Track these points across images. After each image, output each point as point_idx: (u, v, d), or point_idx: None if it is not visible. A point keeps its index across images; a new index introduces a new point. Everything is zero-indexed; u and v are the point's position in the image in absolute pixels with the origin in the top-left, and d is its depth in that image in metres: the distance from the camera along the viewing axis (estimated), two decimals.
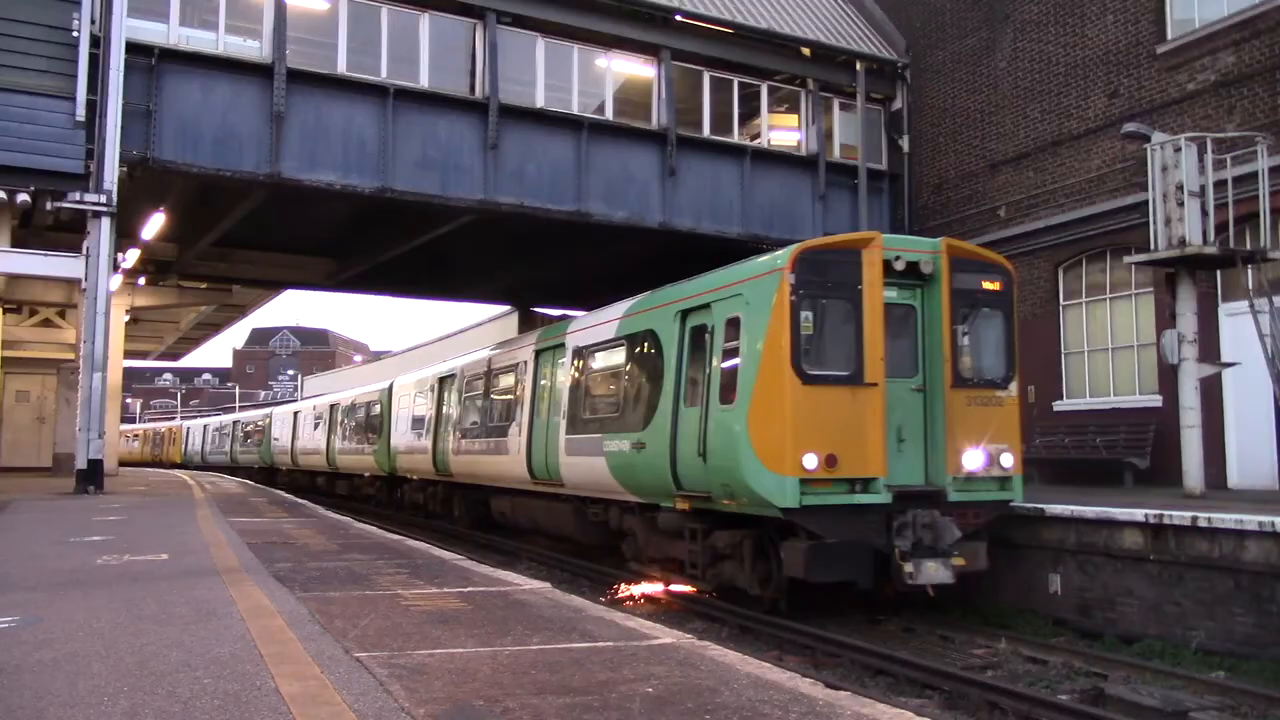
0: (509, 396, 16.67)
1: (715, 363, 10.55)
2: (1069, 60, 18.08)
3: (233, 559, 8.63)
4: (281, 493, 24.53)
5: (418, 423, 21.79)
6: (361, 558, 9.15)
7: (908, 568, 9.45)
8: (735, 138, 21.12)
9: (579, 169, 19.09)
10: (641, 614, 10.12)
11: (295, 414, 35.11)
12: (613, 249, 22.29)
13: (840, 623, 10.50)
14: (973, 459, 10.19)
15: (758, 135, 21.66)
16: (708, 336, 10.79)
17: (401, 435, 22.95)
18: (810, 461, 9.36)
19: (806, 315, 9.75)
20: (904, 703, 7.31)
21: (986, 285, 10.69)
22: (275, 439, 37.17)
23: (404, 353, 55.53)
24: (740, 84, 21.17)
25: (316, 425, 31.58)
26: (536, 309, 29.67)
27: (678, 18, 19.82)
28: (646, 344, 12.13)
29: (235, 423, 47.52)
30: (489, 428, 17.32)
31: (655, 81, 20.03)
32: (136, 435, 72.88)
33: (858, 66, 21.90)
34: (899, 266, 10.16)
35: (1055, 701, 7.53)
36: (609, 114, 19.78)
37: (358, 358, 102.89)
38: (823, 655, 9.32)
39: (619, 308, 13.38)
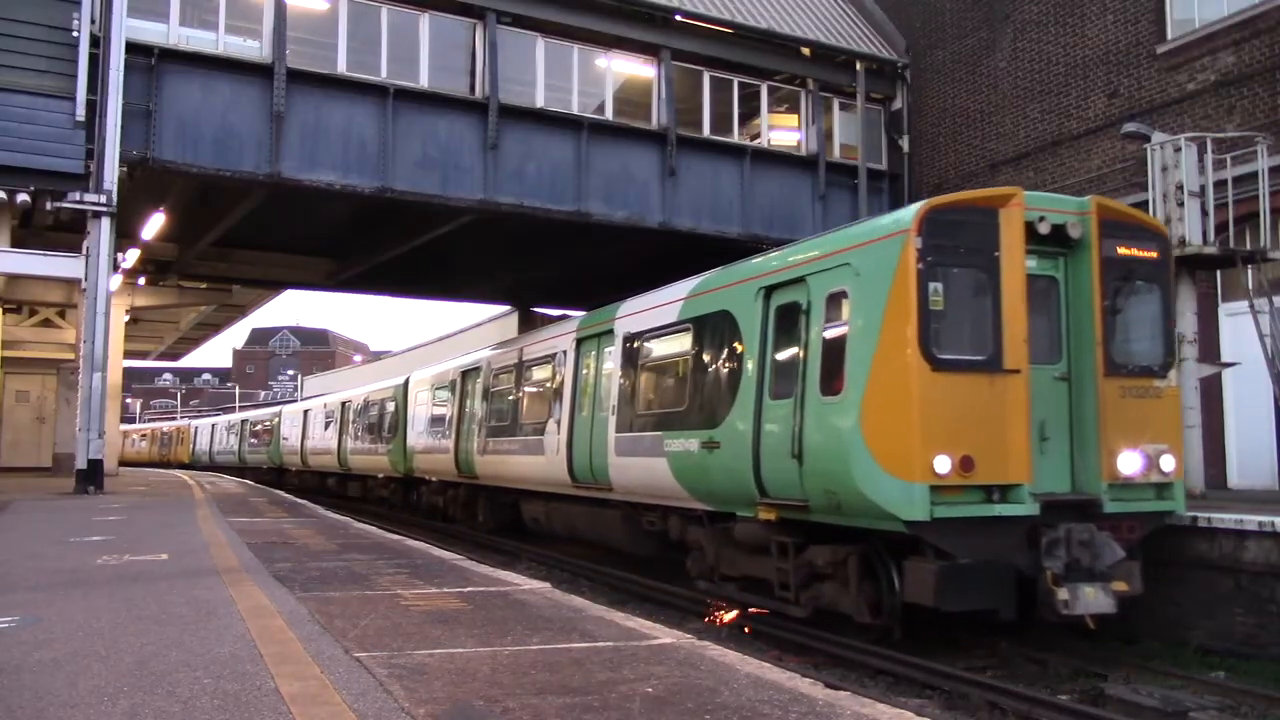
0: (545, 391, 15.21)
1: (813, 347, 9.02)
2: (1069, 60, 18.08)
3: (233, 559, 8.63)
4: (281, 493, 24.51)
5: (437, 421, 20.43)
6: (361, 558, 9.15)
7: (1062, 594, 7.91)
8: (735, 138, 21.12)
9: (579, 169, 19.09)
10: (641, 614, 10.12)
11: (305, 412, 33.93)
12: (613, 249, 22.28)
13: (840, 623, 10.48)
14: (1129, 462, 8.65)
15: (758, 135, 21.66)
16: (802, 316, 9.23)
17: (419, 434, 21.60)
18: (942, 465, 7.83)
19: (936, 287, 8.12)
20: (904, 703, 7.31)
21: (1141, 253, 9.01)
22: (284, 438, 35.89)
23: (404, 353, 55.55)
24: (740, 84, 21.17)
25: (327, 424, 30.33)
26: (536, 309, 29.67)
27: (678, 18, 19.82)
28: (719, 327, 10.58)
29: (243, 422, 45.85)
30: (521, 425, 15.77)
31: (655, 81, 20.03)
32: (144, 435, 71.49)
33: (858, 66, 21.91)
34: (1043, 230, 8.57)
35: (1055, 701, 7.53)
36: (609, 114, 19.78)
37: (358, 358, 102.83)
38: (822, 655, 9.31)
39: (681, 287, 11.73)
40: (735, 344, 10.23)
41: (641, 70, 20.20)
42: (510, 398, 16.60)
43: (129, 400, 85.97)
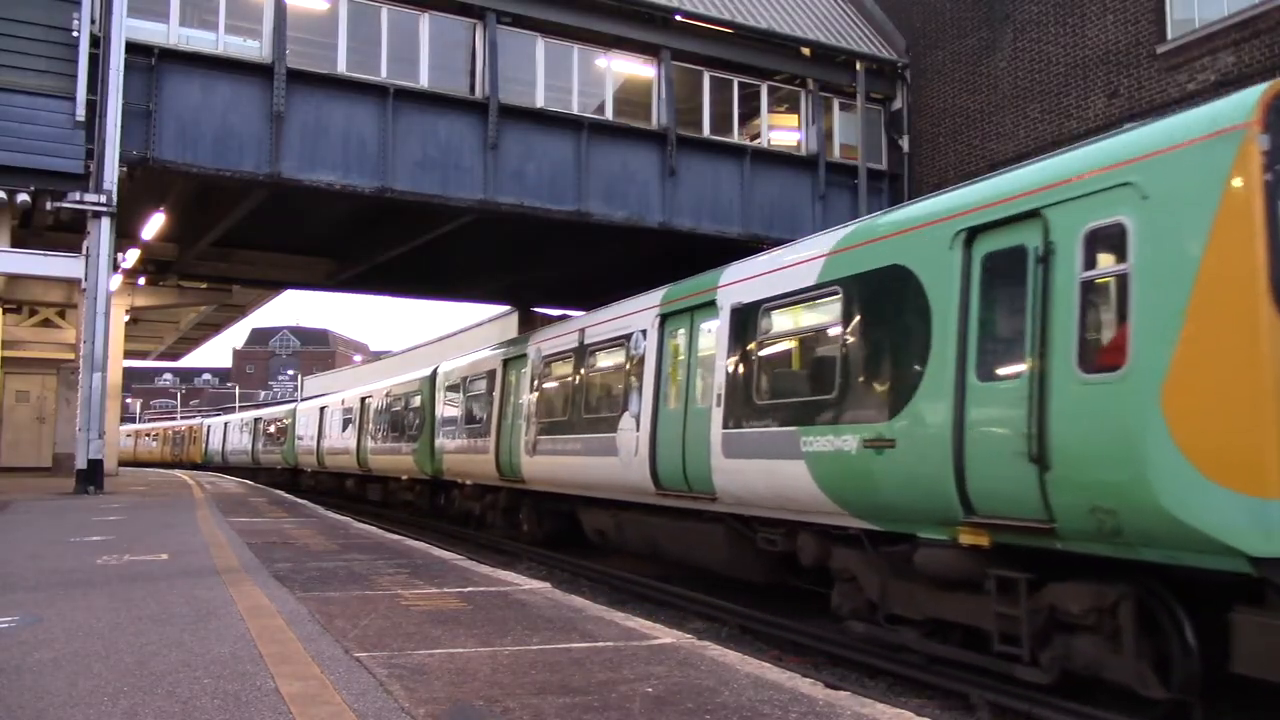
0: (616, 380, 12.87)
1: (1060, 306, 6.55)
2: (1069, 60, 18.09)
3: (232, 559, 8.63)
4: (281, 493, 24.51)
5: (473, 417, 18.12)
6: (361, 558, 9.15)
7: None
8: (735, 138, 21.13)
9: (579, 169, 19.09)
10: (641, 614, 10.12)
11: (321, 409, 31.50)
12: (613, 249, 22.30)
13: (840, 623, 10.48)
14: None
15: (758, 135, 21.66)
16: (1032, 264, 6.79)
17: (450, 432, 19.27)
18: None
19: None
20: (904, 703, 7.31)
21: None
22: (299, 437, 33.48)
23: (404, 353, 55.61)
24: (740, 84, 21.18)
25: (345, 421, 28.06)
26: (536, 309, 29.69)
27: (678, 18, 19.84)
28: (886, 288, 8.07)
29: (256, 420, 42.77)
30: (584, 421, 13.46)
31: (655, 81, 20.03)
32: (154, 435, 68.84)
33: (858, 66, 21.92)
34: None
35: (1055, 701, 7.52)
36: (609, 114, 19.79)
37: (358, 358, 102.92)
38: (822, 655, 9.31)
39: (817, 241, 9.32)
40: (915, 309, 7.69)
41: (641, 70, 20.21)
42: (568, 389, 14.17)
43: (129, 400, 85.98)
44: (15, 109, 14.91)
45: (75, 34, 15.24)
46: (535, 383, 15.34)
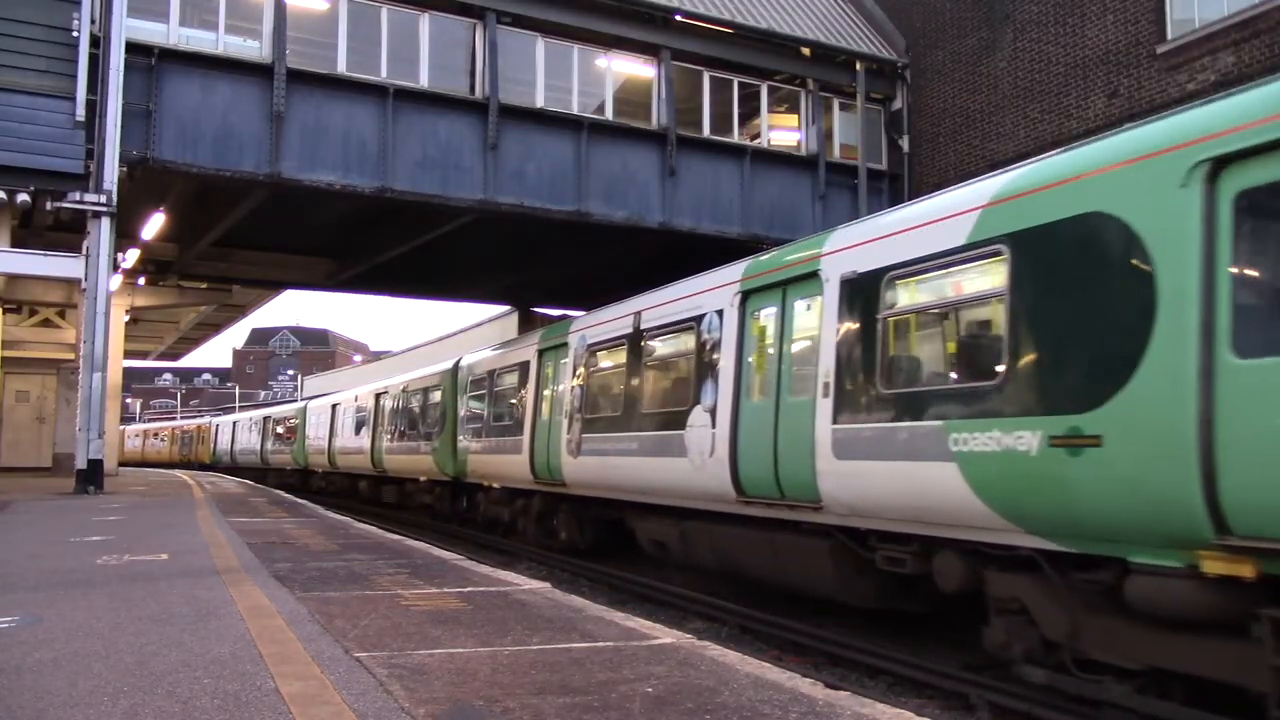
0: (685, 369, 11.24)
1: None
2: (1069, 60, 18.09)
3: (232, 559, 8.63)
4: (281, 493, 24.50)
5: (502, 413, 16.74)
6: (361, 558, 9.15)
7: None
8: (735, 138, 21.14)
9: (579, 169, 19.10)
10: (641, 614, 10.12)
11: (333, 407, 29.98)
12: (613, 249, 22.30)
13: (840, 623, 10.49)
14: None
15: (758, 135, 21.67)
16: None
17: (474, 429, 17.80)
18: None
19: None
20: (904, 703, 7.31)
21: None
22: (310, 437, 32.11)
23: (404, 352, 55.64)
24: (740, 84, 21.19)
25: (359, 419, 26.57)
26: (536, 309, 29.70)
27: (678, 18, 19.84)
28: (1076, 244, 6.43)
29: (266, 419, 40.90)
30: (643, 417, 11.89)
31: (655, 81, 20.04)
32: (163, 435, 66.94)
33: (857, 66, 21.93)
34: None
35: (1055, 702, 7.52)
36: (609, 114, 19.80)
37: (358, 358, 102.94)
38: (822, 655, 9.30)
39: (970, 192, 7.55)
40: (1128, 266, 6.11)
41: (641, 70, 20.22)
42: (621, 381, 12.61)
43: (129, 400, 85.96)
44: (15, 109, 14.91)
45: (75, 34, 15.24)
46: (579, 374, 13.75)
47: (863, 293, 8.27)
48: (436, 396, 20.20)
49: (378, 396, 24.99)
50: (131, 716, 3.74)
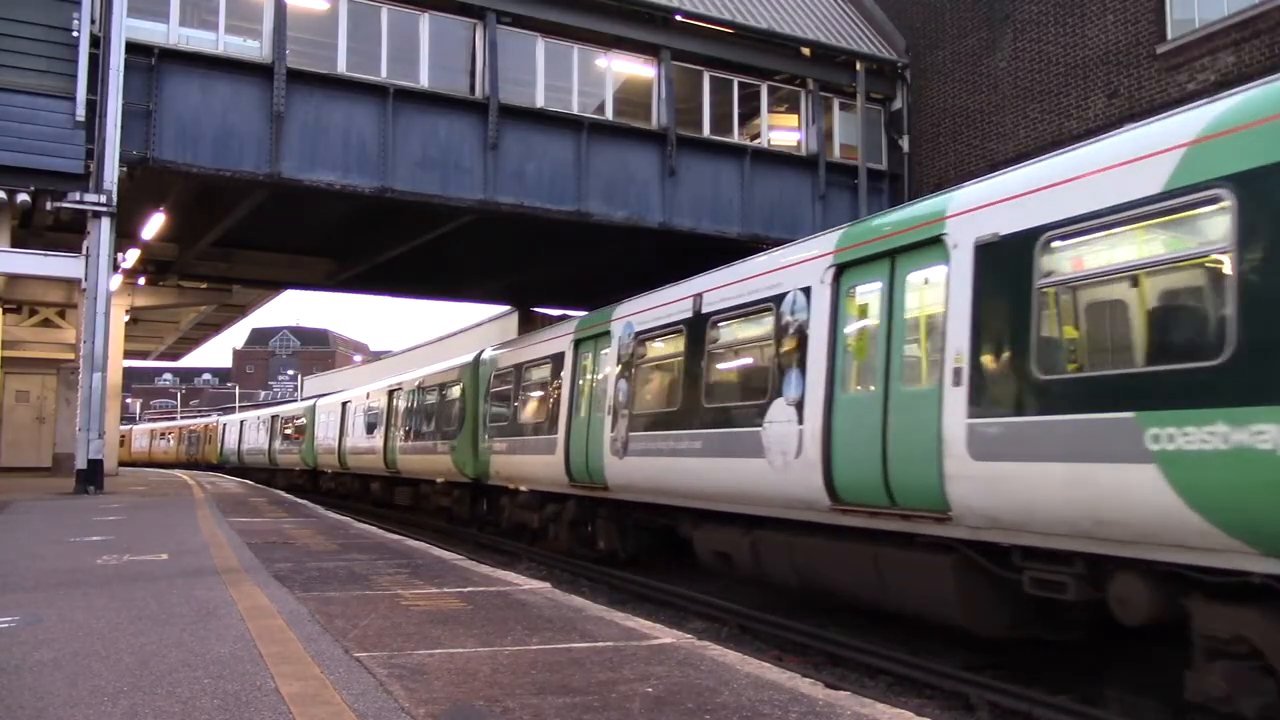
0: (756, 358, 10.14)
1: None
2: (1069, 60, 18.09)
3: (233, 559, 8.63)
4: (281, 493, 24.49)
5: (531, 410, 15.49)
6: (361, 558, 9.15)
7: None
8: (735, 138, 21.15)
9: (579, 169, 19.11)
10: (641, 614, 10.11)
11: (344, 405, 28.59)
12: (613, 249, 22.30)
13: (840, 622, 10.49)
14: None
15: (758, 135, 21.67)
16: None
17: (499, 428, 16.54)
18: None
19: None
20: (904, 703, 7.31)
21: None
22: (319, 437, 30.81)
23: (404, 352, 55.64)
24: (740, 84, 21.19)
25: (370, 417, 25.27)
26: (536, 309, 29.71)
27: (678, 18, 19.85)
28: None
29: (274, 418, 39.38)
30: (704, 413, 10.51)
31: (655, 81, 20.04)
32: (168, 435, 65.72)
33: (858, 66, 21.93)
34: None
35: (1055, 702, 7.52)
36: (609, 114, 19.80)
37: (358, 358, 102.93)
38: (822, 655, 9.29)
39: (1162, 129, 6.13)
40: None
41: (641, 70, 20.22)
42: (678, 372, 11.24)
43: (129, 400, 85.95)
44: (15, 109, 14.92)
45: (75, 34, 15.25)
46: (624, 366, 12.35)
47: (1009, 259, 6.81)
48: (455, 392, 18.85)
49: (391, 393, 23.73)
50: (131, 716, 3.74)
